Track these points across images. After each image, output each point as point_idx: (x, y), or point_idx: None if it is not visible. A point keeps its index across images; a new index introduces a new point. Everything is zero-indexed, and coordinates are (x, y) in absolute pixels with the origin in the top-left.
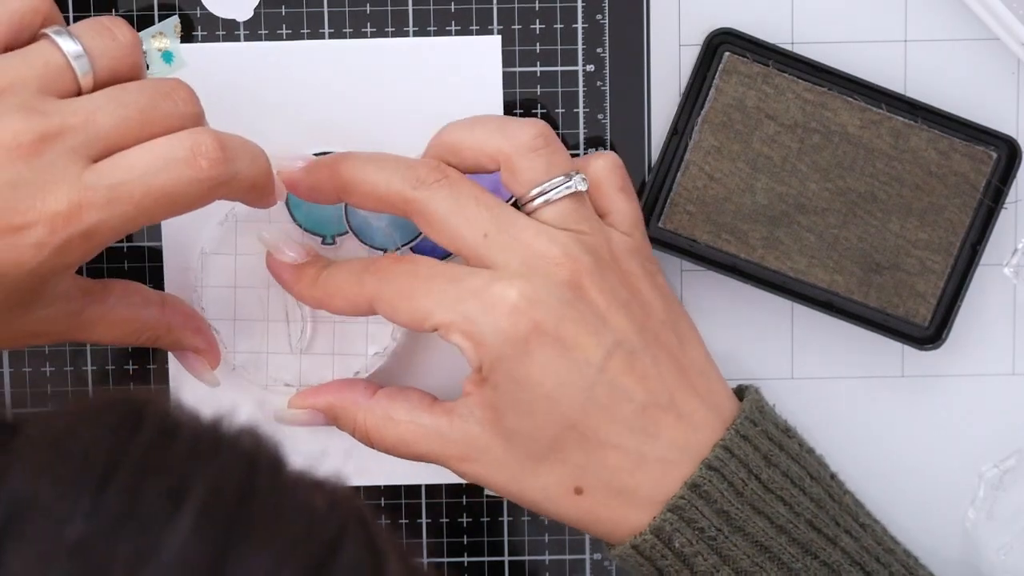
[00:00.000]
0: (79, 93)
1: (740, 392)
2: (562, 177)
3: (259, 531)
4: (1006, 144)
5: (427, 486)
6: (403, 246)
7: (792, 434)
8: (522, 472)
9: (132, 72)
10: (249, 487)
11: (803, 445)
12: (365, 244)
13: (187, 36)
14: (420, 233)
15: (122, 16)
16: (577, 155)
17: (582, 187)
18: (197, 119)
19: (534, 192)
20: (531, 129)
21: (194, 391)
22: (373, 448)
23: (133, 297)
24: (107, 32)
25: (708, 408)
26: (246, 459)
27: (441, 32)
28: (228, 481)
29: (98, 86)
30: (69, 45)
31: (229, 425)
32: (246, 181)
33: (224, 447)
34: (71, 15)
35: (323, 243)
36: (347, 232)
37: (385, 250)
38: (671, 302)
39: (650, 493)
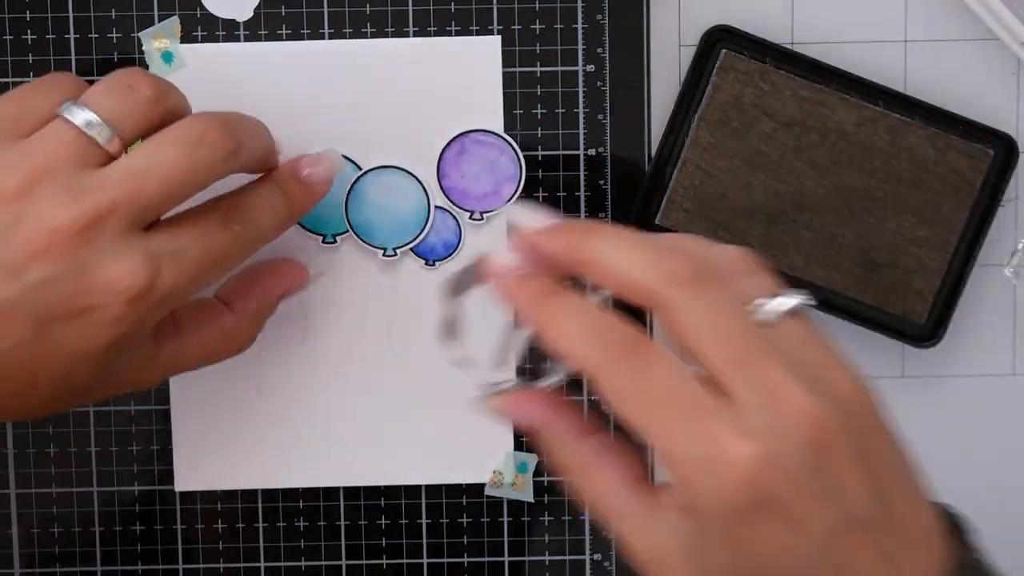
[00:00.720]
0: (116, 155)
1: (941, 512)
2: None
3: None
4: (1003, 141)
5: (427, 486)
6: (403, 246)
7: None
8: None
9: (164, 119)
10: None
11: None
12: (365, 243)
13: (187, 36)
14: (420, 232)
15: (123, 17)
16: (576, 155)
17: (810, 302)
18: (236, 155)
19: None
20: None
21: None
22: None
23: (201, 316)
24: (126, 91)
25: (914, 540)
26: None
27: (441, 32)
28: None
29: (128, 143)
30: (80, 117)
31: None
32: (269, 227)
33: None
34: (71, 16)
35: (323, 242)
36: (347, 231)
37: (384, 249)
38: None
39: None
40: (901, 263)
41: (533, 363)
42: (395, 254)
